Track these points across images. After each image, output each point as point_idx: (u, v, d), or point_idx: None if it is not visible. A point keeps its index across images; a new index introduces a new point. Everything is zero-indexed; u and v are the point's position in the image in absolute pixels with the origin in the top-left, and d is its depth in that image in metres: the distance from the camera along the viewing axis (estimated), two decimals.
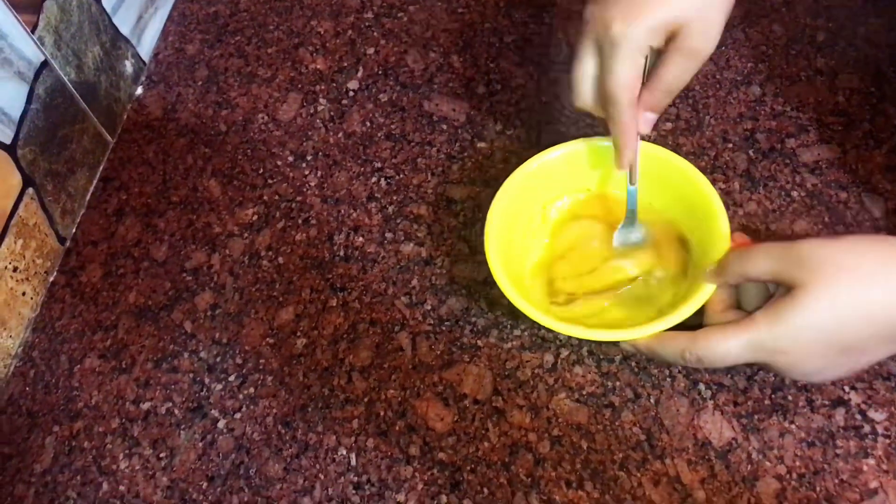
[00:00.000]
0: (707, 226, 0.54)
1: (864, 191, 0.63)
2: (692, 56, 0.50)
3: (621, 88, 0.51)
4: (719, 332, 0.47)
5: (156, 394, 0.61)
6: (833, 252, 0.45)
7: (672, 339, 0.49)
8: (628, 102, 0.51)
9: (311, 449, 0.57)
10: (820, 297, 0.44)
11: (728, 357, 0.47)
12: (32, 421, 0.61)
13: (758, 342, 0.46)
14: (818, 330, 0.44)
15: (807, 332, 0.44)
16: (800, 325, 0.44)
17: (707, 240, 0.53)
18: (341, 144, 0.72)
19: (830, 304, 0.43)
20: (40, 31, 0.64)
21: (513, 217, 0.58)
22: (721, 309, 0.51)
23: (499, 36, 0.77)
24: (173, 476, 0.58)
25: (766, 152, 0.66)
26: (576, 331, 0.51)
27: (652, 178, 0.57)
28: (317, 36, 0.80)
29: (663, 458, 0.54)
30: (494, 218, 0.56)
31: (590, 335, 0.51)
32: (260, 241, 0.67)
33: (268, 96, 0.76)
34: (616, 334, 0.51)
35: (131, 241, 0.69)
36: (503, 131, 0.70)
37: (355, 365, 0.60)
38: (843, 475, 0.52)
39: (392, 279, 0.64)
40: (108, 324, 0.65)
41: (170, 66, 0.80)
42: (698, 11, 0.48)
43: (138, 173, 0.73)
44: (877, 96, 0.67)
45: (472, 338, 0.60)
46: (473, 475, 0.55)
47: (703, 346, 0.48)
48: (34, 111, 0.64)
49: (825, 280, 0.44)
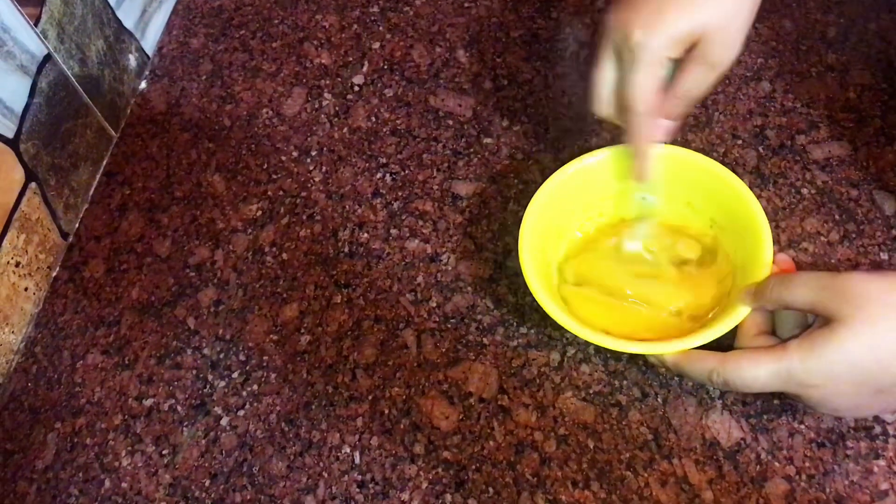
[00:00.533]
0: (751, 246, 0.52)
1: (875, 188, 0.62)
2: (712, 66, 0.50)
3: (639, 98, 0.50)
4: (750, 357, 0.46)
5: (158, 390, 0.61)
6: (878, 288, 0.43)
7: (701, 359, 0.48)
8: (645, 111, 0.51)
9: (314, 447, 0.57)
10: (859, 334, 0.42)
11: (756, 384, 0.46)
12: (34, 417, 0.61)
13: (789, 373, 0.44)
14: (854, 367, 0.43)
15: (841, 368, 0.43)
16: (835, 360, 0.43)
17: (749, 260, 0.52)
18: (346, 140, 0.71)
19: (870, 342, 0.42)
20: (43, 25, 0.64)
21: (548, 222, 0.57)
22: (755, 333, 0.50)
23: (505, 31, 0.76)
24: (176, 473, 0.57)
25: (776, 149, 0.65)
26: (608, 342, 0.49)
27: (699, 190, 0.57)
28: (322, 30, 0.79)
29: (671, 458, 0.53)
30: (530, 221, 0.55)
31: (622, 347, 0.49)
32: (264, 237, 0.67)
33: (272, 91, 0.76)
34: (647, 347, 0.50)
35: (134, 237, 0.68)
36: (510, 127, 0.70)
37: (360, 362, 0.60)
38: (853, 476, 0.51)
39: (397, 276, 0.63)
40: (110, 320, 0.64)
41: (174, 60, 0.80)
42: (719, 21, 0.48)
43: (142, 168, 0.73)
44: (888, 93, 0.66)
45: (477, 335, 0.59)
46: (478, 474, 0.54)
47: (732, 370, 0.46)
48: (37, 105, 0.64)
49: (866, 317, 0.42)
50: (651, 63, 0.49)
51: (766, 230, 0.51)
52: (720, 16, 0.48)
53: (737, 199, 0.54)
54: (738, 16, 0.49)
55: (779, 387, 0.45)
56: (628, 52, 0.49)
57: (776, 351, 0.45)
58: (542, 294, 0.52)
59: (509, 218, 0.64)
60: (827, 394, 0.44)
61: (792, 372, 0.44)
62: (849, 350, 0.42)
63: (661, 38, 0.48)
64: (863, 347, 0.42)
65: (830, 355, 0.43)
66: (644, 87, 0.50)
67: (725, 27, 0.48)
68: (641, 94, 0.50)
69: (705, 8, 0.48)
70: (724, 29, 0.48)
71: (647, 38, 0.48)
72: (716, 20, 0.48)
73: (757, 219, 0.52)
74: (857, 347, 0.42)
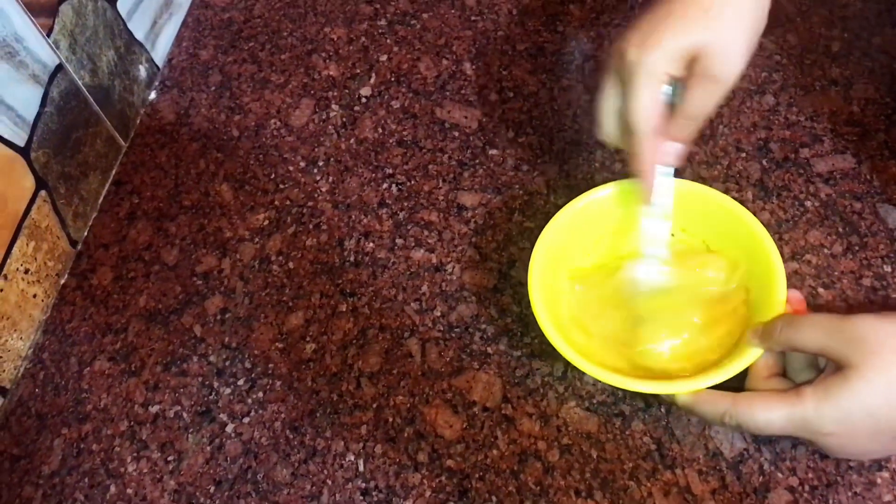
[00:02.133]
0: (765, 286, 0.52)
1: (878, 201, 0.62)
2: (714, 82, 0.49)
3: (638, 117, 0.49)
4: (764, 401, 0.46)
5: (164, 397, 0.61)
6: (887, 333, 0.43)
7: (713, 400, 0.48)
8: (646, 132, 0.50)
9: (318, 454, 0.57)
10: (873, 381, 0.42)
11: (769, 428, 0.46)
12: (41, 423, 0.61)
13: (803, 419, 0.44)
14: (870, 416, 0.42)
15: (857, 417, 0.43)
16: (849, 409, 0.43)
17: (763, 299, 0.51)
18: (353, 150, 0.72)
19: (885, 389, 0.42)
20: (55, 35, 0.65)
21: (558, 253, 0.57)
22: (766, 375, 0.50)
23: (511, 44, 0.77)
24: (181, 479, 0.57)
25: (780, 162, 0.65)
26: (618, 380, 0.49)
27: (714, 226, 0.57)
28: (330, 43, 0.80)
29: (674, 469, 0.53)
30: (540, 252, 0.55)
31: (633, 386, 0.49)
32: (270, 246, 0.67)
33: (280, 102, 0.77)
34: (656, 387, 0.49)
35: (142, 245, 0.69)
36: (515, 139, 0.70)
37: (364, 371, 0.60)
38: (856, 488, 0.51)
39: (402, 285, 0.64)
40: (118, 327, 0.65)
41: (183, 71, 0.81)
42: (719, 37, 0.47)
43: (150, 177, 0.73)
44: (892, 107, 0.67)
45: (481, 345, 0.60)
46: (482, 483, 0.54)
47: (745, 413, 0.46)
48: (48, 114, 0.65)
49: (879, 363, 0.42)
50: (648, 81, 0.48)
51: (781, 269, 0.51)
52: (717, 29, 0.47)
53: (751, 236, 0.53)
54: (737, 29, 0.48)
55: (792, 432, 0.45)
56: (626, 73, 0.49)
57: (790, 397, 0.45)
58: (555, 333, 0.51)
59: (514, 228, 0.65)
60: (843, 441, 0.44)
61: (806, 419, 0.44)
62: (864, 399, 0.42)
63: (656, 55, 0.48)
64: (878, 396, 0.42)
65: (845, 404, 0.43)
66: (642, 105, 0.49)
67: (724, 41, 0.48)
68: (641, 113, 0.49)
69: (701, 24, 0.47)
70: (723, 43, 0.48)
71: (642, 55, 0.48)
72: (713, 34, 0.47)
73: (771, 258, 0.52)
74: (871, 396, 0.42)
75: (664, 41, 0.48)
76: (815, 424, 0.44)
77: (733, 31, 0.48)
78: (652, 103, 0.49)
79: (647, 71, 0.48)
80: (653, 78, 0.48)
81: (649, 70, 0.48)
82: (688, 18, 0.48)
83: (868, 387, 0.42)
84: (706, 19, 0.47)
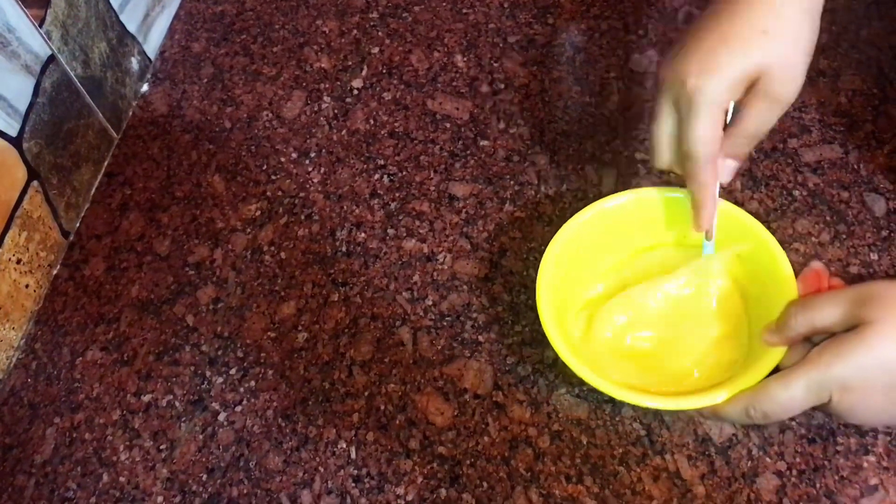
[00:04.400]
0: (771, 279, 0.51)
1: (865, 190, 0.63)
2: (775, 102, 0.48)
3: (701, 145, 0.48)
4: (780, 380, 0.45)
5: (157, 386, 0.61)
6: None
7: (733, 401, 0.47)
8: (708, 159, 0.49)
9: (311, 442, 0.57)
10: (887, 335, 0.41)
11: (793, 404, 0.44)
12: (34, 412, 0.61)
13: (819, 382, 0.43)
14: (883, 368, 0.42)
15: (870, 370, 0.42)
16: (863, 363, 0.42)
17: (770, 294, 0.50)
18: (345, 142, 0.72)
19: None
20: (48, 26, 0.65)
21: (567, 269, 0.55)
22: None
23: (503, 36, 0.77)
24: (173, 468, 0.58)
25: (769, 152, 0.66)
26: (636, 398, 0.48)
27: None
28: (322, 35, 0.81)
29: (663, 454, 0.54)
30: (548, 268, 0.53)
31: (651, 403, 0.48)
32: (262, 237, 0.67)
33: (272, 94, 0.77)
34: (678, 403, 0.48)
35: (135, 236, 0.69)
36: (506, 130, 0.71)
37: (356, 359, 0.60)
38: (843, 472, 0.52)
39: (394, 275, 0.64)
40: (110, 317, 0.65)
41: (176, 63, 0.81)
42: (779, 58, 0.47)
43: (143, 169, 0.74)
44: (879, 98, 0.67)
45: (472, 333, 0.60)
46: (473, 469, 0.55)
47: (766, 400, 0.45)
48: (40, 105, 0.65)
49: (893, 317, 0.41)
50: (709, 108, 0.47)
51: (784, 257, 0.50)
52: (777, 51, 0.47)
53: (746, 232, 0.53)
54: (796, 49, 0.47)
55: (814, 398, 0.43)
56: (685, 100, 0.48)
57: (804, 364, 0.44)
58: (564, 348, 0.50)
59: (505, 218, 0.65)
60: (858, 399, 0.43)
61: (823, 379, 0.43)
62: (878, 353, 0.41)
63: (718, 81, 0.47)
64: (892, 349, 0.41)
65: (860, 359, 0.42)
66: (704, 133, 0.48)
67: (785, 63, 0.47)
68: (702, 141, 0.48)
69: (760, 46, 0.46)
70: (783, 65, 0.47)
71: (704, 82, 0.47)
72: (775, 57, 0.46)
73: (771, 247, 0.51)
74: (886, 350, 0.41)
75: (725, 68, 0.47)
76: (832, 382, 0.43)
77: (792, 51, 0.47)
78: (715, 131, 0.48)
79: (709, 99, 0.47)
80: (715, 105, 0.47)
81: (712, 98, 0.47)
82: (746, 41, 0.47)
83: (882, 340, 0.41)
84: (765, 41, 0.46)
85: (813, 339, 0.46)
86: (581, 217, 0.55)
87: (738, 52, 0.47)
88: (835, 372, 0.42)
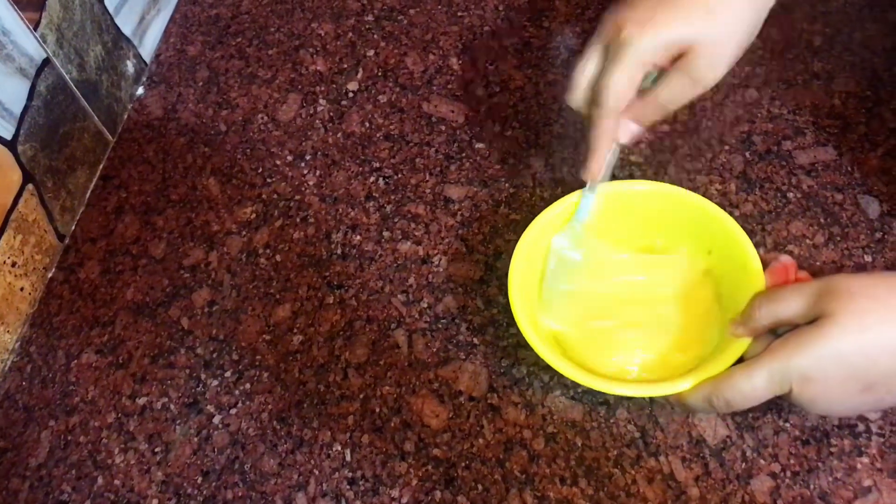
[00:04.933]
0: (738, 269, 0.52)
1: (859, 193, 0.63)
2: (694, 81, 0.49)
3: (612, 94, 0.50)
4: (742, 370, 0.46)
5: (152, 389, 0.61)
6: (864, 284, 0.43)
7: (696, 389, 0.48)
8: (613, 108, 0.50)
9: (305, 444, 0.57)
10: (846, 327, 0.42)
11: (755, 393, 0.45)
12: (28, 415, 0.61)
13: (781, 372, 0.44)
14: (840, 360, 0.43)
15: (828, 361, 0.43)
16: (822, 354, 0.43)
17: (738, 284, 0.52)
18: (340, 144, 0.72)
19: (857, 336, 0.42)
20: (42, 29, 0.65)
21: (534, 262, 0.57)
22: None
23: (498, 39, 0.77)
24: (168, 471, 0.58)
25: (763, 154, 0.66)
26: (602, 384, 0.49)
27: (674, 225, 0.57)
28: (317, 38, 0.81)
29: (658, 456, 0.54)
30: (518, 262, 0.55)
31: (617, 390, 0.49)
32: (258, 239, 0.67)
33: (268, 97, 0.77)
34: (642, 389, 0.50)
35: (130, 239, 0.69)
36: (501, 132, 0.71)
37: (351, 362, 0.60)
38: (836, 473, 0.52)
39: (389, 277, 0.64)
40: (105, 320, 0.65)
41: (171, 66, 0.81)
42: (713, 38, 0.48)
43: (138, 172, 0.74)
44: (872, 100, 0.68)
45: (468, 335, 0.60)
46: (468, 472, 0.55)
47: (728, 389, 0.46)
48: (35, 108, 0.65)
49: (854, 309, 0.42)
50: (633, 61, 0.48)
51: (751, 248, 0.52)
52: (713, 31, 0.48)
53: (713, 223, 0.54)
54: (731, 36, 0.48)
55: (776, 389, 0.45)
56: (615, 47, 0.49)
57: (766, 355, 0.45)
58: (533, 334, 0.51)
59: (500, 221, 0.65)
60: (817, 391, 0.44)
61: (783, 370, 0.44)
62: (836, 345, 0.42)
63: (650, 39, 0.48)
64: (850, 342, 0.42)
65: (819, 350, 0.43)
66: (619, 83, 0.49)
67: (715, 44, 0.48)
68: (614, 90, 0.49)
69: (700, 19, 0.47)
70: (714, 45, 0.48)
71: (636, 36, 0.48)
72: (707, 35, 0.48)
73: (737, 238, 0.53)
74: (844, 342, 0.42)
75: (662, 29, 0.48)
76: (792, 373, 0.44)
77: (727, 38, 0.48)
78: (630, 85, 0.50)
79: (635, 53, 0.48)
80: (639, 60, 0.48)
81: (640, 54, 0.48)
82: (689, 11, 0.48)
83: (842, 333, 0.42)
84: (707, 18, 0.47)
85: (777, 331, 0.47)
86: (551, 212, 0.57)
87: (678, 19, 0.48)
88: (795, 363, 0.44)
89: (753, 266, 0.51)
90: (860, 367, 0.43)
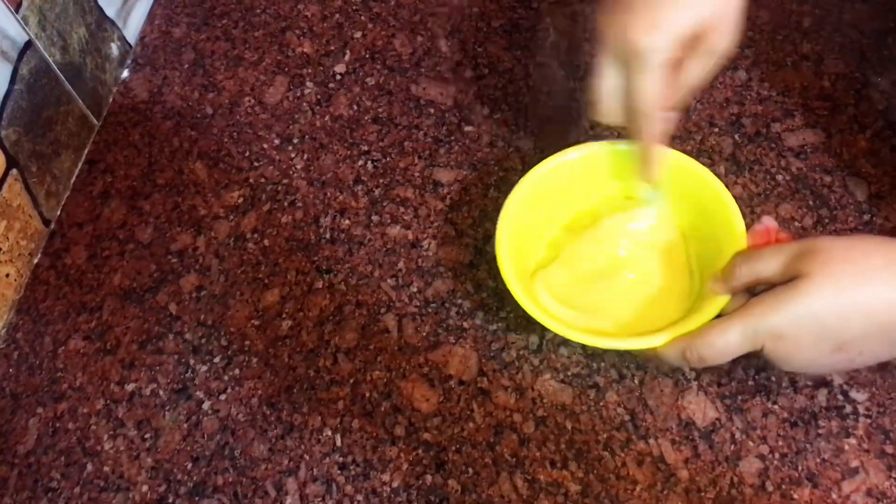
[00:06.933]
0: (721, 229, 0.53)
1: (847, 174, 0.63)
2: (713, 54, 0.50)
3: (651, 101, 0.50)
4: (717, 326, 0.47)
5: (140, 375, 0.61)
6: (840, 246, 0.44)
7: (671, 344, 0.49)
8: (653, 114, 0.51)
9: (296, 430, 0.57)
10: (822, 286, 0.43)
11: (728, 349, 0.46)
12: (16, 402, 0.61)
13: (754, 327, 0.45)
14: (814, 319, 0.43)
15: (802, 320, 0.44)
16: (796, 312, 0.44)
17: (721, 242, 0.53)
18: (328, 128, 0.72)
19: (832, 296, 0.43)
20: (24, 11, 0.64)
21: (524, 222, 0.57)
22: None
23: (486, 20, 0.77)
24: (158, 457, 0.57)
25: (752, 136, 0.66)
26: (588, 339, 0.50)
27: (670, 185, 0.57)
28: (304, 20, 0.80)
29: (647, 439, 0.54)
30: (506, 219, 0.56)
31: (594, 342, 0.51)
32: (245, 224, 0.67)
33: (254, 79, 0.76)
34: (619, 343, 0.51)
35: (116, 224, 0.69)
36: (490, 115, 0.70)
37: (341, 346, 0.60)
38: (824, 454, 0.52)
39: (378, 261, 0.64)
40: (92, 305, 0.65)
41: (156, 49, 0.80)
42: (718, 14, 0.48)
43: (124, 156, 0.73)
44: (861, 81, 0.68)
45: (457, 319, 0.60)
46: (458, 455, 0.55)
47: (702, 344, 0.47)
48: (18, 91, 0.64)
49: (829, 270, 0.43)
50: (658, 65, 0.48)
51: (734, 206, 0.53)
52: (716, 7, 0.48)
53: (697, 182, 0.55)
54: (731, 3, 0.49)
55: (749, 345, 0.46)
56: (633, 57, 0.48)
57: (741, 312, 0.46)
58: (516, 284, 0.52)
59: (490, 204, 0.65)
60: (789, 348, 0.45)
61: (757, 327, 0.45)
62: (810, 303, 0.43)
63: (667, 39, 0.48)
64: (825, 301, 0.43)
65: (793, 308, 0.44)
66: (654, 89, 0.49)
67: (722, 16, 0.48)
68: (652, 98, 0.49)
69: (700, 2, 0.48)
70: (721, 18, 0.48)
71: (654, 41, 0.48)
72: (713, 12, 0.48)
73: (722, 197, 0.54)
74: (818, 301, 0.43)
75: (672, 22, 0.48)
76: (765, 330, 0.45)
77: (728, 5, 0.49)
78: (661, 87, 0.49)
79: (658, 56, 0.48)
80: (662, 61, 0.48)
81: (660, 55, 0.48)
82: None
83: (817, 291, 0.43)
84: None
85: (755, 290, 0.48)
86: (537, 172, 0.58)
87: (682, 8, 0.48)
88: (769, 321, 0.45)
89: (736, 227, 0.52)
90: (833, 327, 0.43)
